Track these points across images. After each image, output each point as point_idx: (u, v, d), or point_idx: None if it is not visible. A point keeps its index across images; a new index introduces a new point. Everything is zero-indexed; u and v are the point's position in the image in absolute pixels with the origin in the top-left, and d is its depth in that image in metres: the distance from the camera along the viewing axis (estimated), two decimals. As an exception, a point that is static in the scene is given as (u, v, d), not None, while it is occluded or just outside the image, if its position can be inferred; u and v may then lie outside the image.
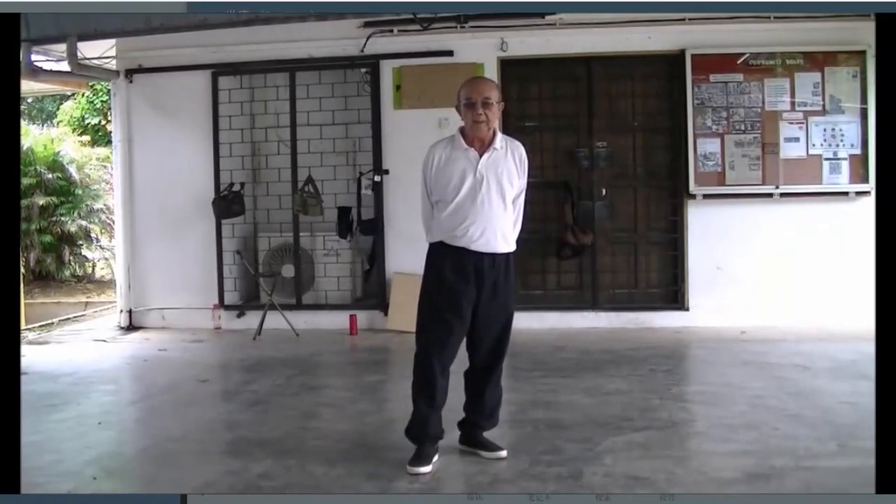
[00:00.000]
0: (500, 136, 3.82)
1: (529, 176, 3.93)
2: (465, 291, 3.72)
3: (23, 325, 8.18)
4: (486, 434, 3.92)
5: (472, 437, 3.90)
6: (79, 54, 7.02)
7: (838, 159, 7.06)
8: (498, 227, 3.74)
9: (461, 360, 3.87)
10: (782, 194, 7.11)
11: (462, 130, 3.81)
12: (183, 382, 5.71)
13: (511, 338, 3.92)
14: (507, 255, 3.80)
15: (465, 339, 3.84)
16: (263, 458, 3.91)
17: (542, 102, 7.45)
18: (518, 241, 3.93)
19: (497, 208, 3.74)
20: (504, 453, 3.82)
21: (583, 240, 7.24)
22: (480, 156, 3.75)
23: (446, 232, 3.76)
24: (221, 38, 7.32)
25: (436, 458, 3.77)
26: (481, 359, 3.86)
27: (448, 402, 3.84)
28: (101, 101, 14.26)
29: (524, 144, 3.94)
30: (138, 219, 7.96)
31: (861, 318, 6.07)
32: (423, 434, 3.78)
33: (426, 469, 3.68)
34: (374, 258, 7.56)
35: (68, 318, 9.10)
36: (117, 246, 8.39)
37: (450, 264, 3.74)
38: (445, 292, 3.74)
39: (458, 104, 3.81)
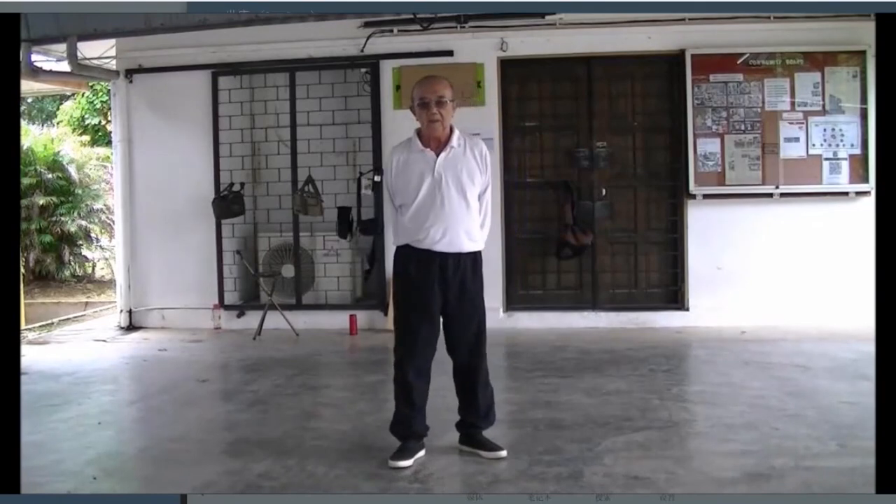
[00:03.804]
0: (457, 133, 3.79)
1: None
2: (431, 293, 3.72)
3: (23, 325, 8.18)
4: (486, 433, 3.91)
5: (472, 437, 3.90)
6: (79, 54, 7.02)
7: (838, 159, 7.05)
8: (461, 226, 3.72)
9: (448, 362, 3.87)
10: (782, 194, 7.10)
11: (418, 132, 3.80)
12: (183, 382, 5.71)
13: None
14: (473, 253, 3.79)
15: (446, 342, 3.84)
16: (263, 458, 3.91)
17: (542, 102, 7.44)
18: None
19: (458, 207, 3.72)
20: (504, 453, 3.81)
21: (583, 240, 7.24)
22: (437, 155, 3.73)
23: (410, 235, 3.77)
24: (221, 38, 7.32)
25: (420, 454, 3.81)
26: (463, 359, 3.85)
27: (445, 402, 3.85)
28: (101, 101, 14.26)
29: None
30: (138, 219, 7.95)
31: (861, 318, 6.07)
32: (404, 432, 3.83)
33: (407, 463, 3.72)
34: (374, 258, 7.55)
35: (68, 318, 9.10)
36: (117, 246, 8.39)
37: (415, 266, 3.75)
38: (413, 295, 3.76)
39: (412, 105, 3.79)
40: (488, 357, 3.93)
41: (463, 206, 3.72)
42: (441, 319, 3.81)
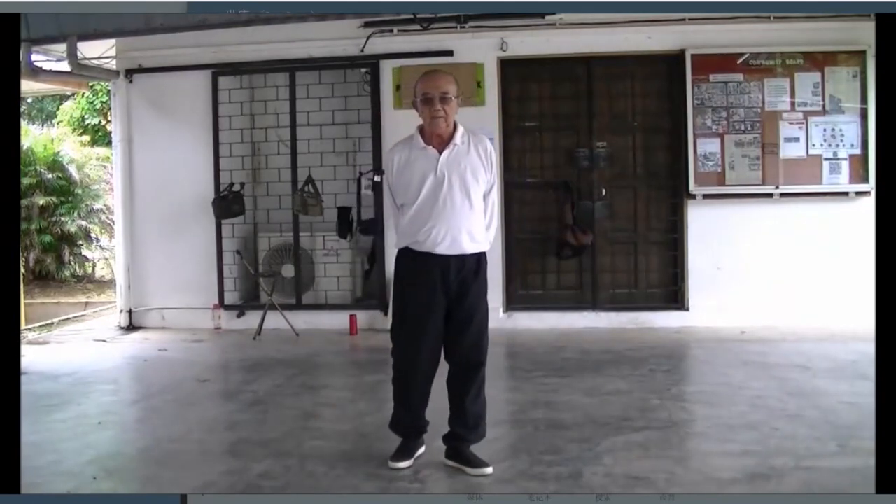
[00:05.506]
0: (461, 130, 3.65)
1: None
2: (433, 297, 3.59)
3: (23, 325, 8.18)
4: (483, 443, 3.78)
5: (458, 451, 3.70)
6: (79, 54, 7.02)
7: (838, 159, 7.05)
8: (463, 227, 3.58)
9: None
10: (782, 194, 7.10)
11: (420, 128, 3.67)
12: (183, 382, 5.71)
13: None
14: (477, 255, 3.66)
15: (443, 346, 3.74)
16: (263, 458, 3.92)
17: (542, 102, 7.44)
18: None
19: (461, 207, 3.58)
20: (490, 470, 3.60)
21: (583, 240, 7.24)
22: (440, 153, 3.60)
23: (410, 236, 3.63)
24: (221, 38, 7.32)
25: (419, 451, 3.79)
26: (460, 364, 3.71)
27: (446, 402, 3.83)
28: (101, 101, 14.26)
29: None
30: (138, 219, 7.95)
31: (861, 318, 6.06)
32: (403, 430, 3.79)
33: (406, 463, 3.70)
34: (374, 258, 7.56)
35: (68, 318, 9.10)
36: (117, 246, 8.38)
37: (416, 269, 3.62)
38: (415, 299, 3.63)
39: (414, 100, 3.65)
40: (488, 358, 3.88)
41: (466, 206, 3.59)
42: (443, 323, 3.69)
